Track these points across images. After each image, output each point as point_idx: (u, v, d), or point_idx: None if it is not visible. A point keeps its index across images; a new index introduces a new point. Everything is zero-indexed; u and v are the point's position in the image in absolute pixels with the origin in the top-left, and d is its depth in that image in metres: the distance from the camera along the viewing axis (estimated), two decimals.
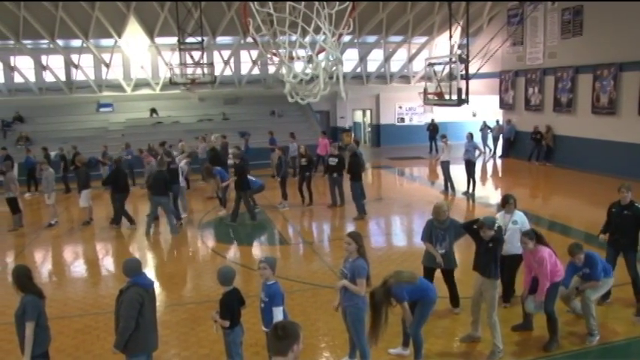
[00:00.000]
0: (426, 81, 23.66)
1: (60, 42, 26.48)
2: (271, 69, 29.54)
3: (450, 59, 20.45)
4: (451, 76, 20.20)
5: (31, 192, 20.57)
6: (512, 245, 8.12)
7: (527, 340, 7.58)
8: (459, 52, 21.48)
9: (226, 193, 16.45)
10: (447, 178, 17.83)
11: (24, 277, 5.88)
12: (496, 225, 7.30)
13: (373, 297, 6.49)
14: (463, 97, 19.58)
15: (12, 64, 27.14)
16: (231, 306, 6.11)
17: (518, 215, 8.40)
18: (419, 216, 15.49)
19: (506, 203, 8.46)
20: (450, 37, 22.19)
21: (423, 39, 30.00)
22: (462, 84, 19.76)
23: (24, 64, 27.53)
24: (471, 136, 18.17)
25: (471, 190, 17.56)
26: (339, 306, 6.76)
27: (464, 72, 20.00)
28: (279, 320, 5.44)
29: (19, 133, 25.96)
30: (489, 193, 19.23)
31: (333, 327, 7.92)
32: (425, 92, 22.51)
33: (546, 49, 24.01)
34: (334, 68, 9.25)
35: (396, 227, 15.16)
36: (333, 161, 16.17)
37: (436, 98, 21.49)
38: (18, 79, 27.65)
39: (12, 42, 25.70)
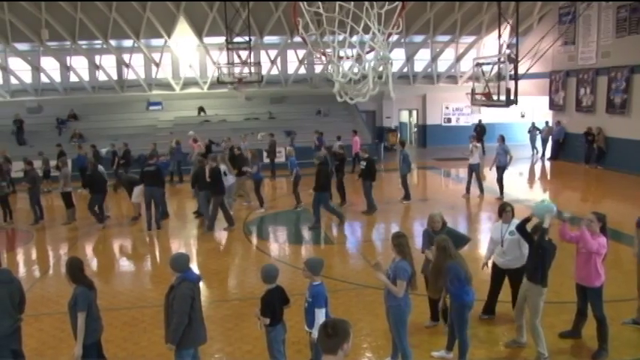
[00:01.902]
0: (474, 81, 23.27)
1: (113, 42, 27.26)
2: (318, 68, 29.63)
3: (499, 59, 20.09)
4: (499, 77, 19.83)
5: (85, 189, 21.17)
6: (511, 257, 7.78)
7: (575, 347, 7.39)
8: (507, 51, 21.07)
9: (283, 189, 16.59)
10: (477, 180, 17.32)
11: (76, 269, 6.09)
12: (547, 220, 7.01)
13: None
14: (512, 97, 19.20)
15: (68, 64, 28.08)
16: (271, 304, 6.15)
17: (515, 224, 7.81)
18: (463, 218, 15.32)
19: (503, 212, 8.06)
20: (499, 36, 21.77)
21: (470, 38, 29.59)
22: (511, 84, 19.39)
23: (79, 64, 28.47)
24: (502, 139, 17.49)
25: (499, 195, 16.89)
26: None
27: (513, 72, 19.62)
28: (330, 318, 5.46)
29: (73, 130, 26.81)
30: (537, 196, 18.74)
31: (376, 327, 7.91)
32: (472, 93, 22.18)
33: (599, 49, 23.31)
34: (381, 68, 9.20)
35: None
36: (362, 165, 16.02)
37: (484, 99, 21.13)
38: (73, 78, 28.59)
39: (68, 43, 26.65)
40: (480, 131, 28.30)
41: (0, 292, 5.90)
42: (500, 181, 16.99)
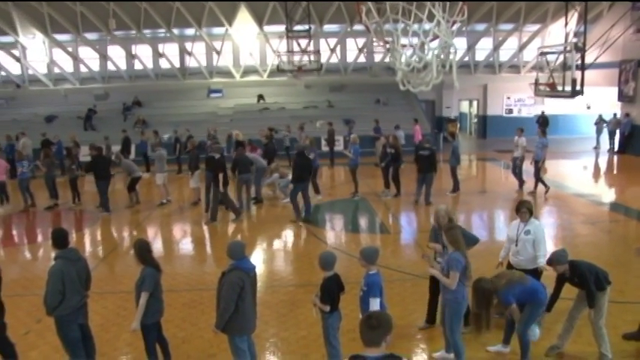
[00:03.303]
0: (538, 71, 22.65)
1: (175, 31, 27.91)
2: (377, 57, 29.44)
3: (565, 48, 19.45)
4: (565, 66, 19.21)
5: (149, 172, 21.81)
6: (524, 258, 7.40)
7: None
8: (574, 40, 20.35)
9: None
10: (518, 174, 16.76)
11: (144, 251, 6.31)
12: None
13: (477, 291, 6.34)
14: (577, 88, 18.55)
15: (133, 53, 28.93)
16: (331, 291, 6.18)
17: (534, 225, 7.45)
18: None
19: (518, 211, 7.53)
20: (566, 24, 21.04)
21: (535, 27, 28.64)
22: (577, 74, 18.72)
23: (143, 52, 29.30)
24: (542, 132, 16.74)
25: (532, 189, 16.30)
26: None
27: (579, 62, 18.93)
28: (373, 311, 5.46)
29: (137, 116, 27.66)
30: (602, 191, 18.12)
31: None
32: (536, 83, 21.60)
33: None
34: (443, 56, 9.06)
35: (498, 221, 14.67)
36: (424, 153, 15.59)
37: (548, 89, 20.54)
38: (138, 66, 29.46)
39: (134, 32, 27.44)
40: (543, 122, 27.48)
41: (69, 269, 6.16)
42: (536, 174, 16.34)
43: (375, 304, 6.02)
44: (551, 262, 6.67)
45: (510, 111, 31.33)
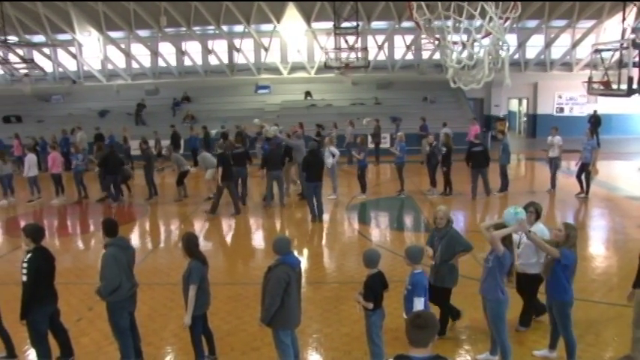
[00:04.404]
0: (591, 69, 21.92)
1: (224, 28, 28.28)
2: (425, 54, 29.15)
3: (621, 44, 18.75)
4: (621, 64, 18.52)
5: (196, 167, 22.16)
6: (524, 262, 7.09)
7: None
8: (632, 36, 19.61)
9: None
10: (554, 175, 16.26)
11: (192, 244, 6.43)
12: None
13: None
14: (634, 86, 17.88)
15: (183, 49, 29.47)
16: (375, 289, 6.16)
17: (538, 228, 7.12)
18: (572, 212, 14.57)
19: (525, 211, 7.03)
20: (623, 19, 20.33)
21: (589, 23, 27.75)
22: (634, 72, 18.03)
23: (193, 49, 29.82)
24: (590, 133, 16.10)
25: (584, 194, 15.65)
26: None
27: (637, 59, 18.26)
28: (418, 310, 5.41)
29: (185, 111, 28.16)
30: None
31: (476, 319, 7.72)
32: (589, 81, 20.88)
33: None
34: (494, 53, 8.88)
35: (549, 224, 14.24)
36: (478, 149, 15.55)
37: (602, 88, 19.84)
38: (187, 62, 30.01)
39: (184, 29, 27.93)
40: (595, 122, 26.65)
41: (121, 256, 6.35)
42: (579, 177, 15.75)
43: (419, 304, 5.97)
44: None
45: (561, 110, 30.54)
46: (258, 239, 13.11)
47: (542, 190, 16.55)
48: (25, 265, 6.13)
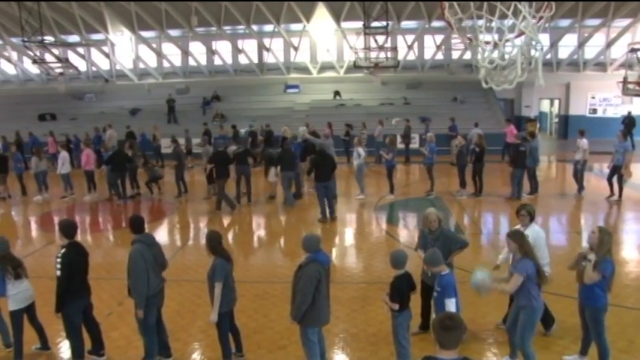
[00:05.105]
0: (627, 69, 21.51)
1: (254, 27, 28.41)
2: (455, 54, 28.89)
3: None
4: None
5: None
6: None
7: None
8: None
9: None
10: (580, 178, 16.00)
11: (215, 242, 6.47)
12: None
13: None
14: None
15: (213, 48, 29.72)
16: (401, 289, 6.14)
17: (533, 230, 6.97)
18: (604, 216, 14.28)
19: (518, 213, 7.14)
20: None
21: (625, 21, 27.01)
22: None
23: (223, 48, 30.05)
24: (623, 135, 15.69)
25: (617, 198, 15.28)
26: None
27: None
28: (445, 312, 5.37)
29: (215, 110, 28.40)
30: None
31: (492, 322, 7.65)
32: (624, 81, 20.51)
33: None
34: (531, 53, 8.74)
35: (580, 227, 14.03)
36: (524, 148, 15.41)
37: (638, 88, 19.47)
38: (217, 61, 30.27)
39: (214, 28, 28.17)
40: (630, 123, 26.04)
41: (147, 253, 6.45)
42: (610, 180, 15.37)
43: (451, 305, 5.95)
44: None
45: (595, 111, 29.95)
46: (288, 237, 13.10)
47: (572, 193, 16.28)
48: (58, 260, 6.27)
